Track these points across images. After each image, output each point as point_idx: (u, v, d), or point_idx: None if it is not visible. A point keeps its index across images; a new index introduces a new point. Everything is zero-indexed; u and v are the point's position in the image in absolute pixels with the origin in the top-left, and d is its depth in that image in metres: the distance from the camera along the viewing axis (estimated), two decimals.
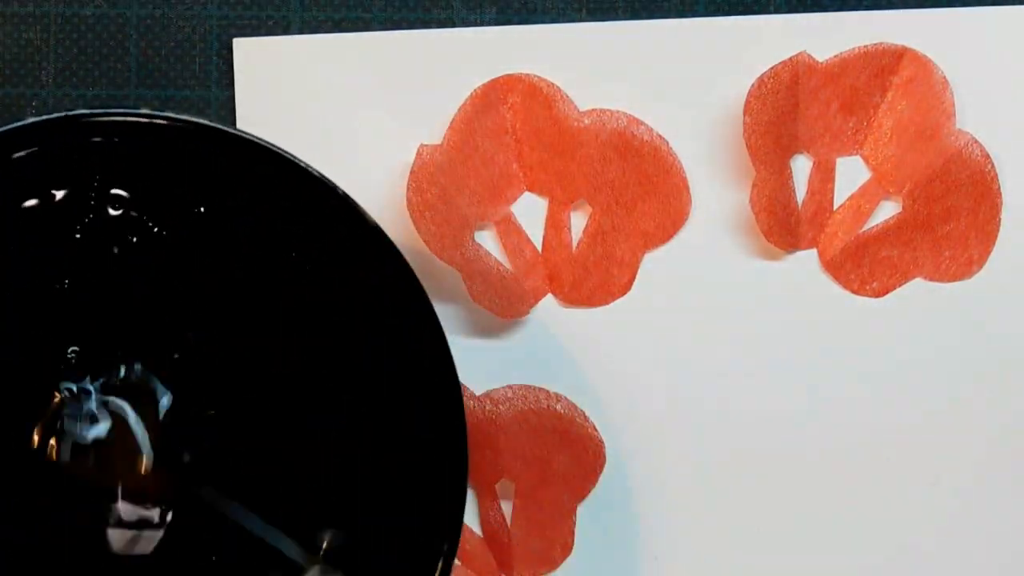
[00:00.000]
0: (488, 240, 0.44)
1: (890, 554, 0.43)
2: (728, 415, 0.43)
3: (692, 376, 0.43)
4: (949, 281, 0.43)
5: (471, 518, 0.44)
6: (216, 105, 0.45)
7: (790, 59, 0.42)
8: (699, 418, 0.43)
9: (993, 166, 0.43)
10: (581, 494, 0.43)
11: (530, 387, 0.43)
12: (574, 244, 0.43)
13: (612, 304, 0.44)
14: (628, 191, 0.43)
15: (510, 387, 0.43)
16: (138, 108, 0.43)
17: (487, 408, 0.43)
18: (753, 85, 0.42)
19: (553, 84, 0.43)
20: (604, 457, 0.43)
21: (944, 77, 0.43)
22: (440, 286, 0.44)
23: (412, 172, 0.41)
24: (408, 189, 0.41)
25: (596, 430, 0.43)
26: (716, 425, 0.43)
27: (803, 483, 0.43)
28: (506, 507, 0.44)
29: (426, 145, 0.42)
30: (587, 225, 0.43)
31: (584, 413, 0.43)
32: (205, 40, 0.45)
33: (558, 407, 0.43)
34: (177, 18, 0.45)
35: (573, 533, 0.43)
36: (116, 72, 0.45)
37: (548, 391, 0.43)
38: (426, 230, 0.41)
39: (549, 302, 0.44)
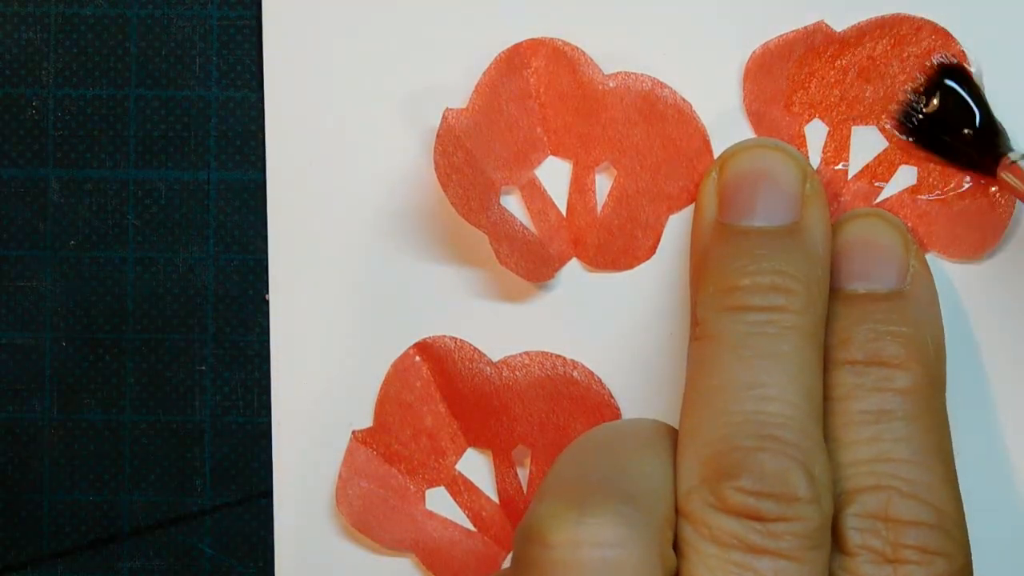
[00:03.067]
0: (513, 204, 0.44)
1: None
2: None
3: None
4: (960, 259, 0.43)
5: (487, 485, 0.44)
6: (216, 105, 0.45)
7: (805, 28, 0.43)
8: None
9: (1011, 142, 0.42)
10: None
11: (547, 354, 0.43)
12: (599, 207, 0.44)
13: (637, 268, 0.44)
14: (652, 154, 0.43)
15: (527, 354, 0.43)
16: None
17: (504, 375, 0.43)
18: (756, 52, 0.43)
19: (577, 47, 0.43)
20: None
21: (963, 50, 0.43)
22: (466, 250, 0.44)
23: (439, 135, 0.42)
24: (435, 152, 0.41)
25: (612, 398, 0.43)
26: None
27: None
28: (522, 474, 0.44)
29: (451, 109, 0.42)
30: (611, 188, 0.43)
31: (600, 380, 0.43)
32: (205, 40, 0.45)
33: (575, 374, 0.43)
34: (177, 18, 0.45)
35: None
36: (116, 72, 0.45)
37: (565, 358, 0.43)
38: (453, 193, 0.41)
39: (574, 266, 0.44)
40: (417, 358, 0.44)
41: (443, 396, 0.44)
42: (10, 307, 0.45)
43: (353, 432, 0.44)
